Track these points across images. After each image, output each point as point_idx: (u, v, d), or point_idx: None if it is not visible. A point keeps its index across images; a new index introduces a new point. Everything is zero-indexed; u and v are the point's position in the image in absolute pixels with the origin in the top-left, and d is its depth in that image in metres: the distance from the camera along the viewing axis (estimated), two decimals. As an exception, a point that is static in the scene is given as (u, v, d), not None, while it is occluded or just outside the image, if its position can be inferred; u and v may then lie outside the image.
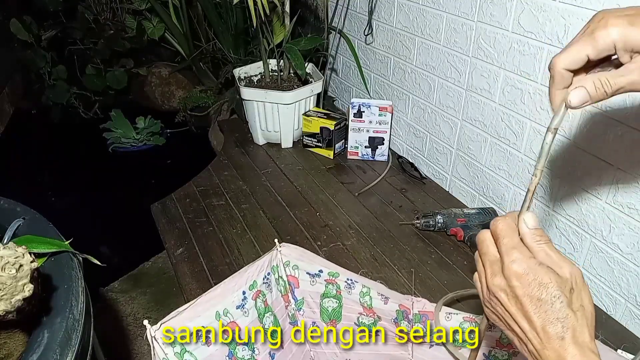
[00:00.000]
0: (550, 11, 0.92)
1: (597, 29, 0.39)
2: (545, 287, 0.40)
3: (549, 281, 0.40)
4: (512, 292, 0.42)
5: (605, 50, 0.39)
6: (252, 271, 0.78)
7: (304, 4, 1.79)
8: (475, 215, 1.13)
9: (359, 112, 1.41)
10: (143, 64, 2.58)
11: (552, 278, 0.40)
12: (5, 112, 2.51)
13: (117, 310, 1.45)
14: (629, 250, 0.89)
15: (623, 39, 0.38)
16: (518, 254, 0.42)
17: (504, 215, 0.46)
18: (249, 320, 0.76)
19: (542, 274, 0.40)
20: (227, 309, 0.73)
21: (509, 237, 0.43)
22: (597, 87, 0.40)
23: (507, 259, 0.42)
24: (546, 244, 0.43)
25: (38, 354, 0.56)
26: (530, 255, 0.42)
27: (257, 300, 0.78)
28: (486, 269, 0.45)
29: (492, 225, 0.45)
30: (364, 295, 0.82)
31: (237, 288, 0.75)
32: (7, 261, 0.58)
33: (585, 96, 0.40)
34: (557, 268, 0.41)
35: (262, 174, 1.40)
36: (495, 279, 0.43)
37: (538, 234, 0.43)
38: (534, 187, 0.45)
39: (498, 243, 0.44)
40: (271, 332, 0.79)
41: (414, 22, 1.29)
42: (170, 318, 0.66)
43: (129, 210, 1.83)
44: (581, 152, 0.93)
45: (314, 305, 0.84)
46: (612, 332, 0.89)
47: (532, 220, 0.44)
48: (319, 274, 0.83)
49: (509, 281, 0.42)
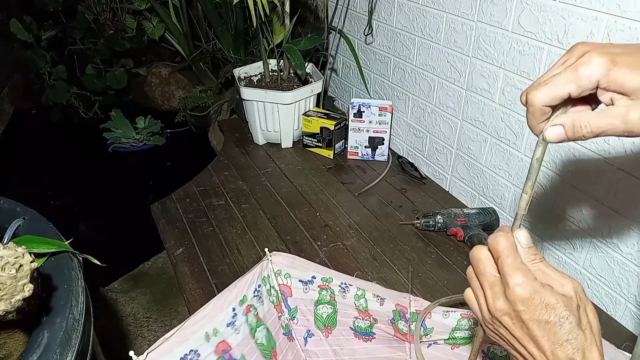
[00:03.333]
0: (550, 11, 0.92)
1: (581, 66, 0.37)
2: (552, 308, 0.38)
3: (555, 302, 0.39)
4: (518, 317, 0.40)
5: (588, 89, 0.37)
6: (242, 285, 0.76)
7: (304, 4, 1.79)
8: (475, 215, 1.13)
9: (359, 112, 1.41)
10: (143, 64, 2.58)
11: (558, 298, 0.39)
12: (5, 112, 2.51)
13: (117, 310, 1.45)
14: (629, 250, 0.89)
15: (606, 79, 0.36)
16: (522, 276, 0.40)
17: (501, 230, 0.43)
18: (240, 337, 0.74)
19: (548, 295, 0.39)
20: (216, 329, 0.71)
21: (512, 257, 0.41)
22: (576, 129, 0.38)
23: (511, 282, 0.40)
24: (542, 262, 0.41)
25: (38, 354, 0.56)
26: (533, 277, 0.40)
27: (249, 315, 0.76)
28: (485, 290, 0.43)
29: (492, 242, 0.42)
30: (358, 299, 0.81)
31: (226, 305, 0.73)
32: (7, 261, 0.58)
33: (562, 135, 0.39)
34: (559, 287, 0.40)
35: (262, 174, 1.40)
36: (498, 302, 0.41)
37: (532, 252, 0.42)
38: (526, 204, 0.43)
39: (499, 262, 0.42)
40: (265, 346, 0.77)
41: (414, 22, 1.29)
42: (158, 345, 0.63)
43: (128, 210, 1.84)
44: (581, 151, 0.93)
45: (307, 313, 0.83)
46: (612, 332, 0.89)
47: (525, 238, 0.42)
48: (312, 281, 0.81)
49: (514, 305, 0.40)
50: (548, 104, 0.39)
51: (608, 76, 0.36)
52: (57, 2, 2.38)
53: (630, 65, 0.35)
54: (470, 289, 0.45)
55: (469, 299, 0.45)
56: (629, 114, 0.36)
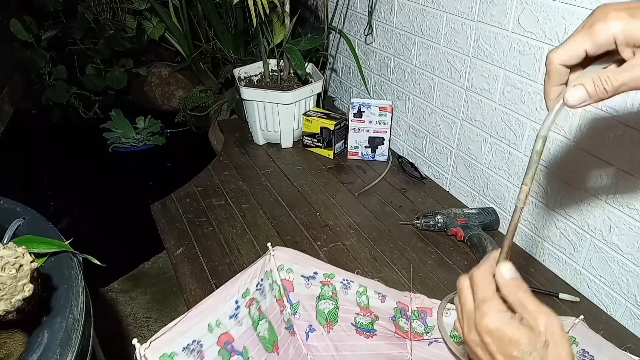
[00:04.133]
0: (550, 11, 0.92)
1: (596, 23, 0.36)
2: (516, 343, 0.38)
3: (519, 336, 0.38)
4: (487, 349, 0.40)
5: (605, 45, 0.36)
6: (244, 279, 0.76)
7: (304, 4, 1.79)
8: (475, 215, 1.13)
9: (359, 112, 1.41)
10: (143, 64, 2.58)
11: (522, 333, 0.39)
12: (5, 112, 2.50)
13: (117, 310, 1.45)
14: (629, 250, 0.89)
15: (624, 33, 0.35)
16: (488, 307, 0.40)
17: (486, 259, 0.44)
18: (243, 329, 0.74)
19: (513, 329, 0.39)
20: (219, 320, 0.71)
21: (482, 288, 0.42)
22: (597, 85, 0.37)
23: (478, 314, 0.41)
24: (524, 294, 0.41)
25: (38, 354, 0.56)
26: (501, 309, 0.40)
27: (251, 307, 0.76)
28: (463, 320, 0.43)
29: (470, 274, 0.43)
30: (360, 295, 0.81)
31: (229, 297, 0.73)
32: (7, 261, 0.58)
33: (585, 95, 0.37)
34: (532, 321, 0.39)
35: (262, 174, 1.40)
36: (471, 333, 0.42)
37: (515, 284, 0.42)
38: (525, 196, 0.43)
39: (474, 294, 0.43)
40: (266, 340, 0.78)
41: (414, 22, 1.29)
42: (161, 335, 0.64)
43: (128, 210, 1.84)
44: (581, 151, 0.93)
45: (309, 308, 0.83)
46: (612, 332, 0.89)
47: (509, 270, 0.42)
48: (314, 276, 0.82)
49: (482, 337, 0.40)
50: (565, 63, 0.38)
51: (626, 30, 0.35)
52: (57, 2, 2.38)
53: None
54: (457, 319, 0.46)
55: (457, 328, 0.46)
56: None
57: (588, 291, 0.99)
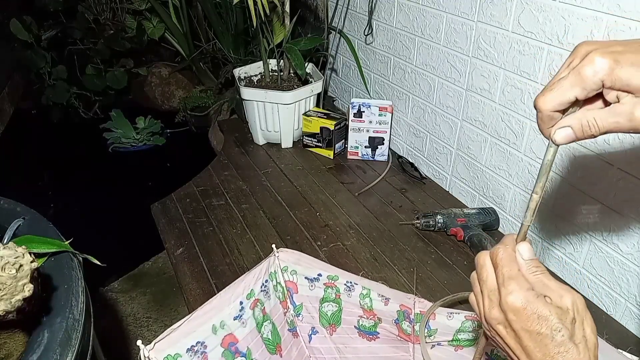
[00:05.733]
0: (550, 11, 0.92)
1: (585, 68, 0.37)
2: (545, 319, 0.39)
3: (548, 313, 0.39)
4: (510, 326, 0.41)
5: (594, 90, 0.37)
6: (249, 280, 0.76)
7: (304, 4, 1.79)
8: (475, 215, 1.13)
9: (359, 112, 1.41)
10: (143, 64, 2.58)
11: (551, 310, 0.39)
12: (5, 112, 2.50)
13: (117, 310, 1.45)
14: (629, 250, 0.89)
15: (611, 79, 0.36)
16: (515, 285, 0.41)
17: (503, 240, 0.44)
18: (247, 330, 0.74)
19: (541, 306, 0.39)
20: (223, 321, 0.71)
21: (508, 267, 0.42)
22: (584, 128, 0.39)
23: (504, 291, 0.41)
24: (543, 274, 0.42)
25: (38, 354, 0.56)
26: (528, 287, 0.41)
27: (255, 309, 0.76)
28: (484, 298, 0.43)
29: (492, 253, 0.44)
30: (363, 297, 0.81)
31: (234, 298, 0.74)
32: (7, 261, 0.58)
33: (571, 136, 0.40)
34: (556, 298, 0.40)
35: (262, 174, 1.40)
36: (493, 311, 0.42)
37: (534, 264, 0.42)
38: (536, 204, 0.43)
39: (497, 272, 0.43)
40: (270, 341, 0.78)
41: (414, 22, 1.29)
42: (165, 336, 0.64)
43: (128, 210, 1.84)
44: (581, 152, 0.93)
45: (312, 310, 0.83)
46: (612, 332, 0.89)
47: (528, 251, 0.43)
48: (318, 278, 0.82)
49: (507, 315, 0.41)
50: (556, 109, 0.39)
51: (612, 75, 0.36)
52: (57, 2, 2.38)
53: (634, 63, 0.35)
54: (473, 293, 0.46)
55: (472, 303, 0.46)
56: (635, 111, 0.36)
57: (588, 291, 0.99)
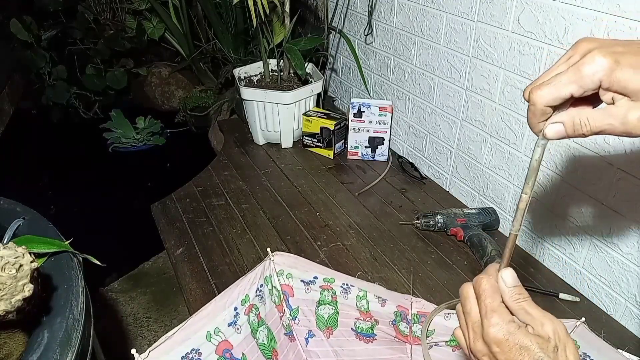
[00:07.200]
0: (550, 11, 0.92)
1: (584, 66, 0.36)
2: (527, 350, 0.39)
3: (530, 344, 0.39)
4: (495, 357, 0.41)
5: (590, 89, 0.37)
6: (243, 285, 0.76)
7: (304, 4, 1.79)
8: (475, 215, 1.13)
9: (359, 112, 1.41)
10: (143, 64, 2.58)
11: (532, 340, 0.39)
12: (5, 112, 2.50)
13: (117, 310, 1.45)
14: (629, 250, 0.89)
15: (609, 80, 0.35)
16: (497, 318, 0.41)
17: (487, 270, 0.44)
18: (241, 337, 0.74)
19: (522, 337, 0.40)
20: (218, 328, 0.71)
21: (490, 298, 0.42)
22: (576, 127, 0.38)
23: (486, 323, 0.41)
24: (525, 302, 0.42)
25: (38, 354, 0.56)
26: (510, 319, 0.41)
27: (250, 314, 0.76)
28: (468, 330, 0.44)
29: (475, 284, 0.44)
30: (360, 300, 0.81)
31: (228, 304, 0.73)
32: (7, 261, 0.58)
33: (562, 133, 0.39)
34: (538, 327, 0.40)
35: (262, 174, 1.40)
36: (477, 343, 0.42)
37: (517, 292, 0.42)
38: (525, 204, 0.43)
39: (480, 303, 0.43)
40: (265, 346, 0.77)
41: (414, 22, 1.29)
42: (159, 344, 0.64)
43: (128, 210, 1.84)
44: (581, 151, 0.93)
45: (309, 314, 0.83)
46: (612, 332, 0.89)
47: (511, 277, 0.43)
48: (314, 281, 0.81)
49: (490, 347, 0.41)
50: (550, 105, 0.38)
51: (611, 77, 0.35)
52: (57, 2, 2.38)
53: (633, 66, 0.35)
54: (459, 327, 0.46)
55: (458, 337, 0.47)
56: (628, 115, 0.35)
57: (588, 291, 0.99)
